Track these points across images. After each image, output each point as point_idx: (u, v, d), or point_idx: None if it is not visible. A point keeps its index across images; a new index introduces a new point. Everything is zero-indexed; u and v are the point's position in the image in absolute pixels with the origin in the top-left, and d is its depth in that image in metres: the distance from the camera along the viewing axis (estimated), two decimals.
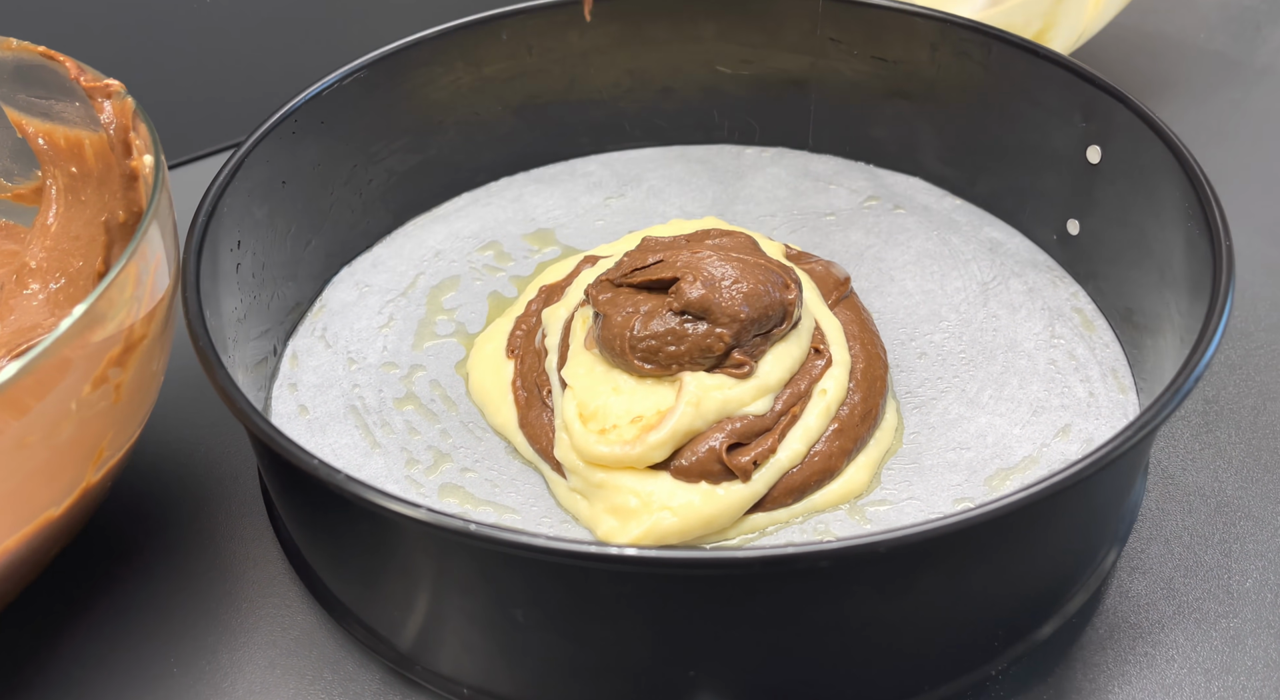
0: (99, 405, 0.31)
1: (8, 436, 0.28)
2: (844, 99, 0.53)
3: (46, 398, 0.29)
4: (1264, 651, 0.36)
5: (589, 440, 0.38)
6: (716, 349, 0.39)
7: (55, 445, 0.30)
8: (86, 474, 0.32)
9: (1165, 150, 0.39)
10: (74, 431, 0.30)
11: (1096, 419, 0.41)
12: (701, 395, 0.38)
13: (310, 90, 0.46)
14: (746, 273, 0.40)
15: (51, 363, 0.28)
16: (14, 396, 0.27)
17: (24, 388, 0.28)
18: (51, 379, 0.29)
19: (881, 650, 0.32)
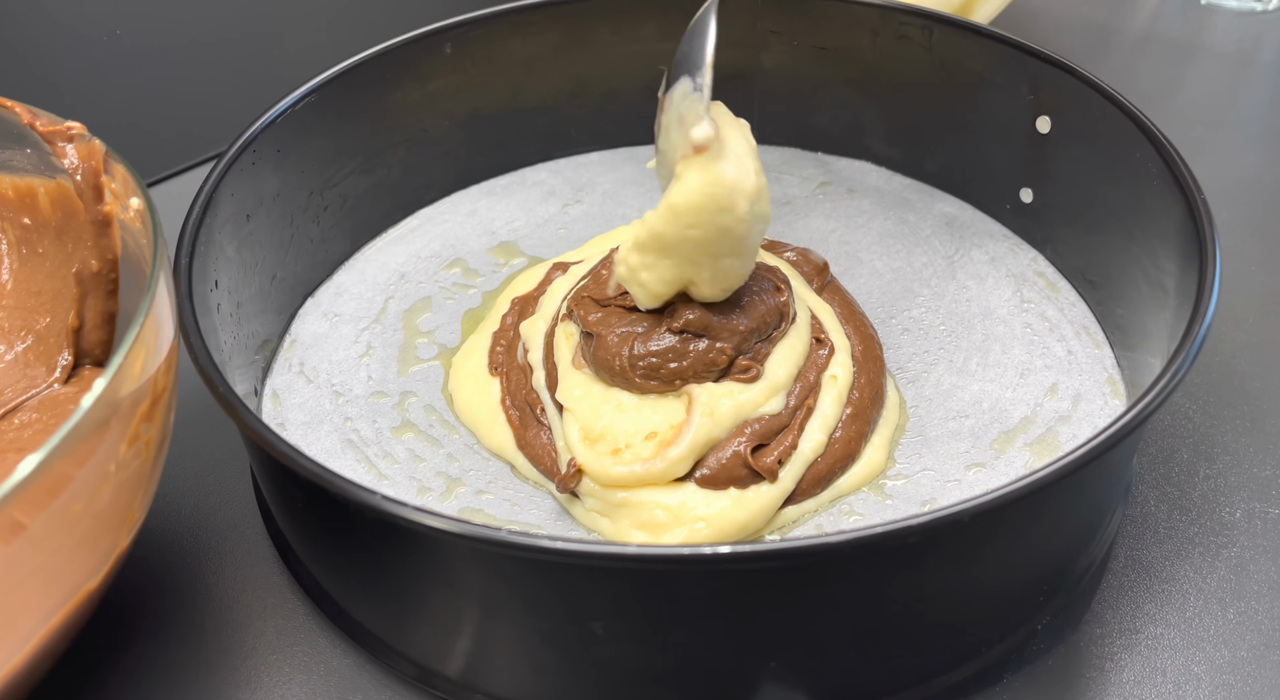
0: (133, 465, 0.29)
1: (53, 509, 0.26)
2: (787, 90, 0.54)
3: (88, 463, 0.27)
4: (1265, 575, 0.39)
5: (603, 463, 0.38)
6: (720, 363, 0.39)
7: (96, 512, 0.28)
8: (121, 538, 0.30)
9: (1123, 117, 0.42)
10: (112, 495, 0.29)
11: (1080, 375, 0.43)
12: (714, 404, 0.38)
13: (265, 118, 0.44)
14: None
15: (91, 425, 0.27)
16: (59, 468, 0.26)
17: (67, 456, 0.26)
18: (92, 443, 0.27)
19: (951, 614, 0.33)
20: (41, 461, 0.25)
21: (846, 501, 0.40)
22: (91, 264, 0.37)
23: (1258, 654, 0.37)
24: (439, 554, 0.31)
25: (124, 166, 0.35)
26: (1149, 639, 0.37)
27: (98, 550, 0.29)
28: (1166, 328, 0.38)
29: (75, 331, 0.38)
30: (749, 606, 0.30)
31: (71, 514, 0.27)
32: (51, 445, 0.25)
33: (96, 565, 0.30)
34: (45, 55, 0.59)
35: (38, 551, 0.26)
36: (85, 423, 0.26)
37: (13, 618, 0.27)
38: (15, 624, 0.27)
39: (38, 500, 0.26)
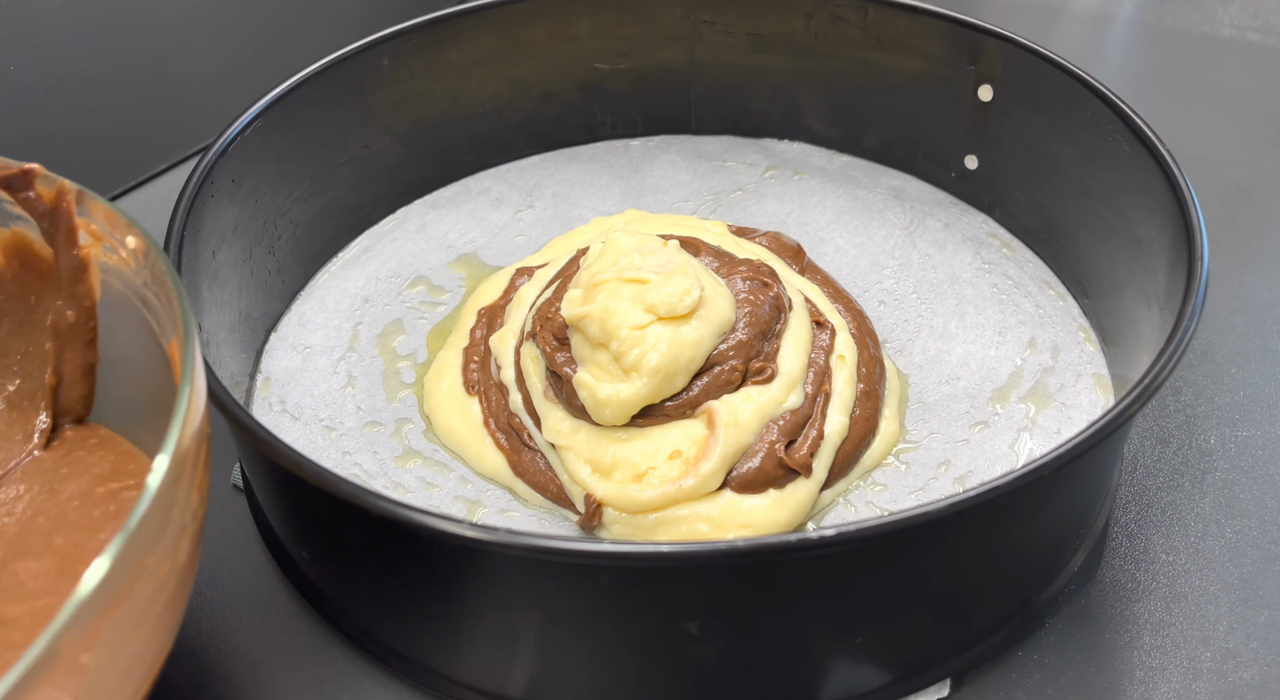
0: (199, 514, 0.28)
1: (148, 567, 0.24)
2: (724, 78, 0.55)
3: (170, 514, 0.25)
4: (1250, 493, 0.42)
5: (627, 491, 0.37)
6: (735, 381, 0.39)
7: (180, 568, 0.26)
8: (190, 589, 0.28)
9: (1070, 79, 0.44)
10: (190, 548, 0.27)
11: (1053, 328, 0.45)
12: (737, 414, 0.38)
13: (217, 146, 0.42)
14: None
15: (177, 475, 0.25)
16: (151, 522, 0.24)
17: (158, 511, 0.24)
18: (174, 493, 0.25)
19: (1009, 572, 0.34)
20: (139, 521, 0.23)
21: (868, 474, 0.41)
22: (68, 314, 0.35)
23: (1261, 567, 0.39)
24: (526, 575, 0.30)
25: (106, 204, 0.32)
26: (1164, 567, 0.39)
27: (176, 612, 0.27)
28: (1147, 275, 0.40)
29: (53, 389, 0.36)
30: (843, 585, 0.30)
31: (161, 574, 0.25)
32: (144, 504, 0.24)
33: (175, 628, 0.28)
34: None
35: (138, 615, 0.25)
36: (171, 472, 0.24)
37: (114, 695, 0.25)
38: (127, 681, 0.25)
39: (140, 562, 0.24)
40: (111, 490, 0.34)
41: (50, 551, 0.32)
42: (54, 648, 0.21)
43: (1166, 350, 0.32)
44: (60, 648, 0.22)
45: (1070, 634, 0.37)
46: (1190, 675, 0.36)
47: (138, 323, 0.33)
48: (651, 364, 0.37)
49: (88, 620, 0.22)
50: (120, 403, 0.36)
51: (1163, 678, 0.36)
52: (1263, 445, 0.44)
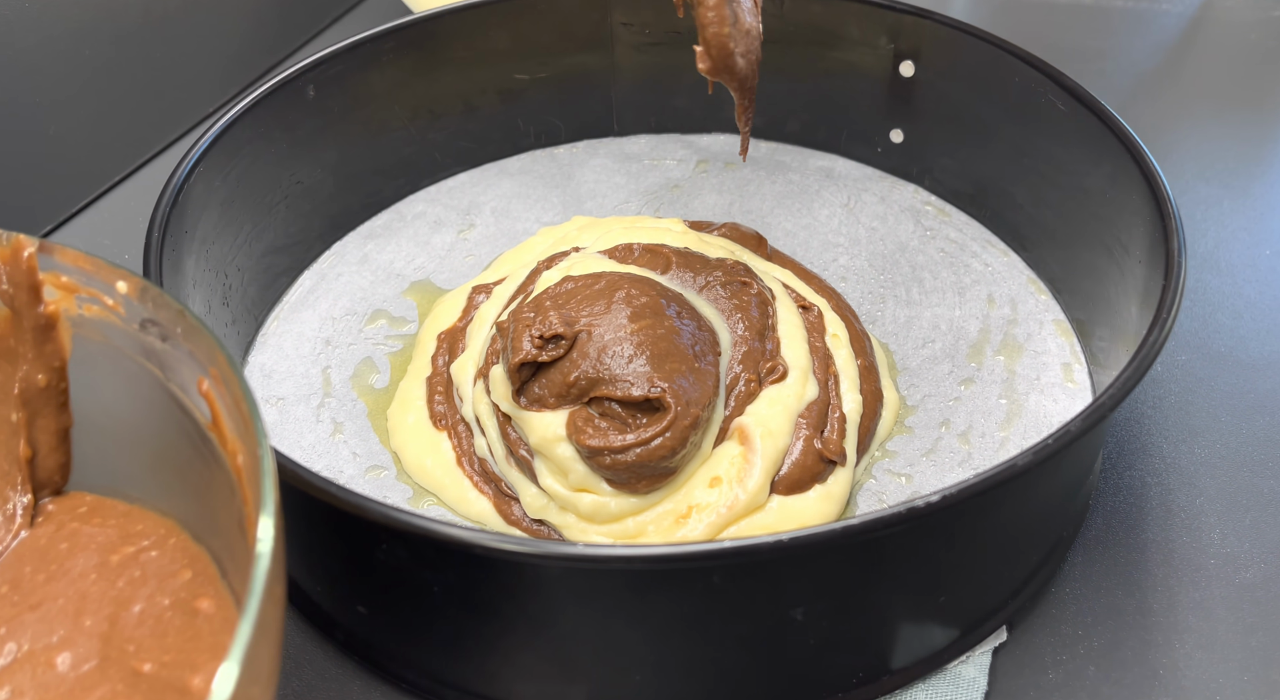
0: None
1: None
2: (643, 78, 0.55)
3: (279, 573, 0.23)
4: (1202, 411, 0.46)
5: (677, 534, 0.36)
6: (754, 391, 0.38)
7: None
8: None
9: (995, 48, 0.46)
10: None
11: (1005, 283, 0.48)
12: (767, 422, 0.38)
13: (166, 198, 0.39)
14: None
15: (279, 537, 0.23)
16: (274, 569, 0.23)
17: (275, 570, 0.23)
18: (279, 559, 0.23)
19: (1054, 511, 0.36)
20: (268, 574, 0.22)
21: (882, 445, 0.42)
22: (37, 379, 0.32)
23: (1232, 475, 0.43)
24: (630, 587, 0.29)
25: (81, 252, 0.30)
26: (1154, 489, 0.42)
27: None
28: (1101, 222, 0.43)
29: (28, 462, 0.32)
30: (933, 550, 0.31)
31: (279, 620, 0.23)
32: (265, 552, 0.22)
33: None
34: None
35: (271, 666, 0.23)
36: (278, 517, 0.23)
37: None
38: None
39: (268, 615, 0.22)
40: (128, 555, 0.32)
41: (83, 635, 0.29)
42: None
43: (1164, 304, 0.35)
44: None
45: (1091, 565, 0.40)
46: (1201, 583, 0.39)
47: (128, 373, 0.31)
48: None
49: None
50: (103, 464, 0.33)
51: (1180, 589, 0.39)
52: (1200, 366, 0.47)
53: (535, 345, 0.37)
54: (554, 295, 0.38)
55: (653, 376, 0.36)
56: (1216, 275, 0.52)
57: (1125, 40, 0.71)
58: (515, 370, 0.37)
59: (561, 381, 0.36)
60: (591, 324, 0.37)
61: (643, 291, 0.38)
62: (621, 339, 0.36)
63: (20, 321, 0.31)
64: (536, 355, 0.36)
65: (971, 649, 0.36)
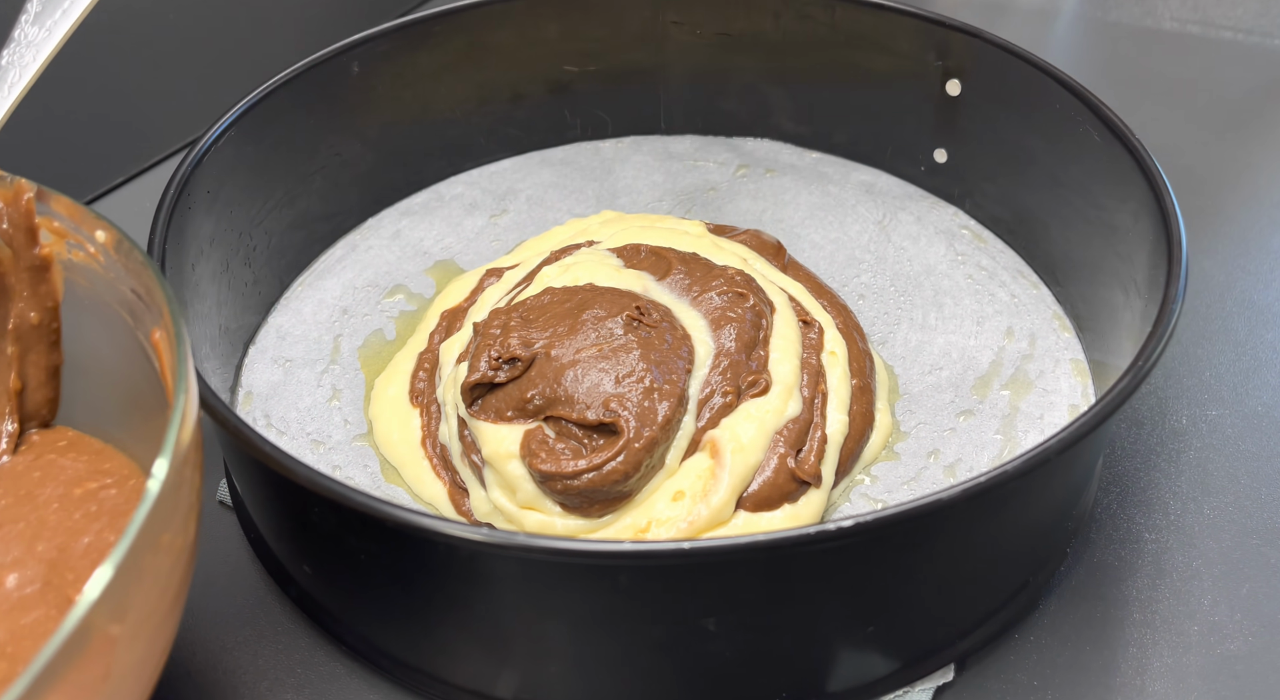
0: (196, 509, 0.27)
1: (163, 543, 0.24)
2: (693, 78, 0.55)
3: (180, 494, 0.25)
4: (1222, 470, 0.43)
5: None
6: (733, 404, 0.38)
7: (189, 543, 0.26)
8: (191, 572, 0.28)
9: (1038, 72, 0.45)
10: (195, 523, 0.27)
11: (1028, 316, 0.46)
12: (739, 437, 0.37)
13: (191, 158, 0.41)
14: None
15: (184, 457, 0.25)
16: (164, 502, 0.24)
17: (169, 491, 0.24)
18: (182, 474, 0.25)
19: (1010, 555, 0.35)
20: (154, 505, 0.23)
21: (867, 468, 0.41)
22: (30, 316, 0.34)
23: (1239, 541, 0.41)
24: (543, 578, 0.30)
25: (70, 200, 0.32)
26: (1149, 545, 0.40)
27: (188, 580, 0.27)
28: (1121, 261, 0.41)
29: (17, 394, 0.35)
30: (857, 576, 0.30)
31: (175, 549, 0.25)
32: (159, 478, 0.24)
33: (185, 595, 0.28)
34: None
35: (159, 589, 0.25)
36: (176, 459, 0.24)
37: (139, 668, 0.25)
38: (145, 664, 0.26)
39: (158, 539, 0.24)
40: (90, 491, 0.33)
41: (34, 559, 0.31)
42: (86, 623, 0.21)
43: (1154, 336, 0.33)
44: (92, 623, 0.21)
45: (1064, 614, 0.38)
46: (1180, 649, 0.37)
47: (108, 319, 0.32)
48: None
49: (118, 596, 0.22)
50: (89, 403, 0.36)
51: (1154, 653, 0.37)
52: (1231, 423, 0.45)
53: (491, 366, 0.37)
54: (528, 308, 0.39)
55: (608, 400, 0.35)
56: (1272, 330, 0.49)
57: (1225, 72, 0.67)
58: (468, 390, 0.37)
59: (519, 398, 0.37)
60: (552, 344, 0.37)
61: (614, 309, 0.38)
62: (580, 361, 0.36)
63: (17, 261, 0.33)
64: (492, 377, 0.37)
65: (911, 684, 0.35)
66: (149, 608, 0.24)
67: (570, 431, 0.36)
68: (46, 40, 0.33)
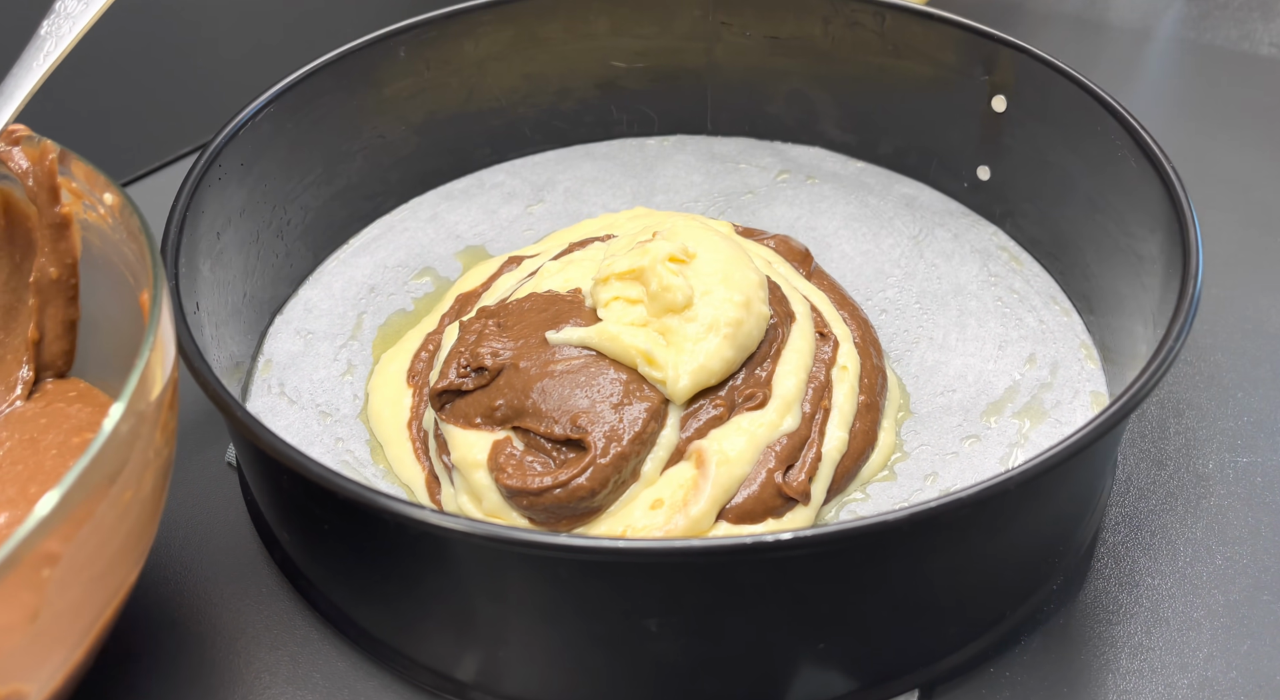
0: (164, 452, 0.29)
1: (111, 495, 0.25)
2: (740, 80, 0.55)
3: (134, 449, 0.26)
4: (1244, 521, 0.41)
5: None
6: (722, 418, 0.37)
7: (142, 499, 0.27)
8: (154, 528, 0.30)
9: (1082, 92, 0.43)
10: (152, 482, 0.28)
11: (1055, 344, 0.45)
12: (727, 449, 0.36)
13: (226, 130, 0.43)
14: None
15: (142, 411, 0.26)
16: (112, 450, 0.25)
17: (119, 440, 0.25)
18: (137, 426, 0.26)
19: (980, 585, 0.34)
20: (101, 447, 0.25)
21: (864, 486, 0.40)
22: (50, 271, 0.36)
23: (1249, 596, 0.39)
24: (488, 565, 0.30)
25: (87, 164, 0.34)
26: (1148, 590, 0.39)
27: (143, 539, 0.29)
28: (1145, 292, 0.39)
29: (35, 344, 0.37)
30: (802, 590, 0.30)
31: (124, 502, 0.26)
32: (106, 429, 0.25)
33: (140, 554, 0.29)
34: None
35: (100, 539, 0.26)
36: (131, 411, 0.26)
37: (78, 611, 0.26)
38: (79, 618, 0.27)
39: (100, 489, 0.25)
40: (86, 441, 0.35)
41: (25, 499, 0.33)
42: (15, 556, 0.22)
43: (1148, 369, 0.32)
44: (20, 557, 0.22)
45: (1046, 652, 0.37)
46: None
47: (116, 279, 0.34)
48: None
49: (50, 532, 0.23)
50: (100, 357, 0.38)
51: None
52: (1262, 472, 0.43)
53: (459, 374, 0.37)
54: (508, 312, 0.39)
55: (577, 416, 0.35)
56: None
57: None
58: (436, 395, 0.37)
59: (486, 406, 0.37)
60: (522, 355, 0.37)
61: (592, 320, 0.38)
62: (549, 374, 0.36)
63: (41, 218, 0.35)
64: (460, 384, 0.37)
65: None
66: (88, 554, 0.25)
67: (539, 443, 0.36)
68: (84, 12, 0.35)
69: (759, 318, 0.38)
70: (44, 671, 0.26)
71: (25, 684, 0.26)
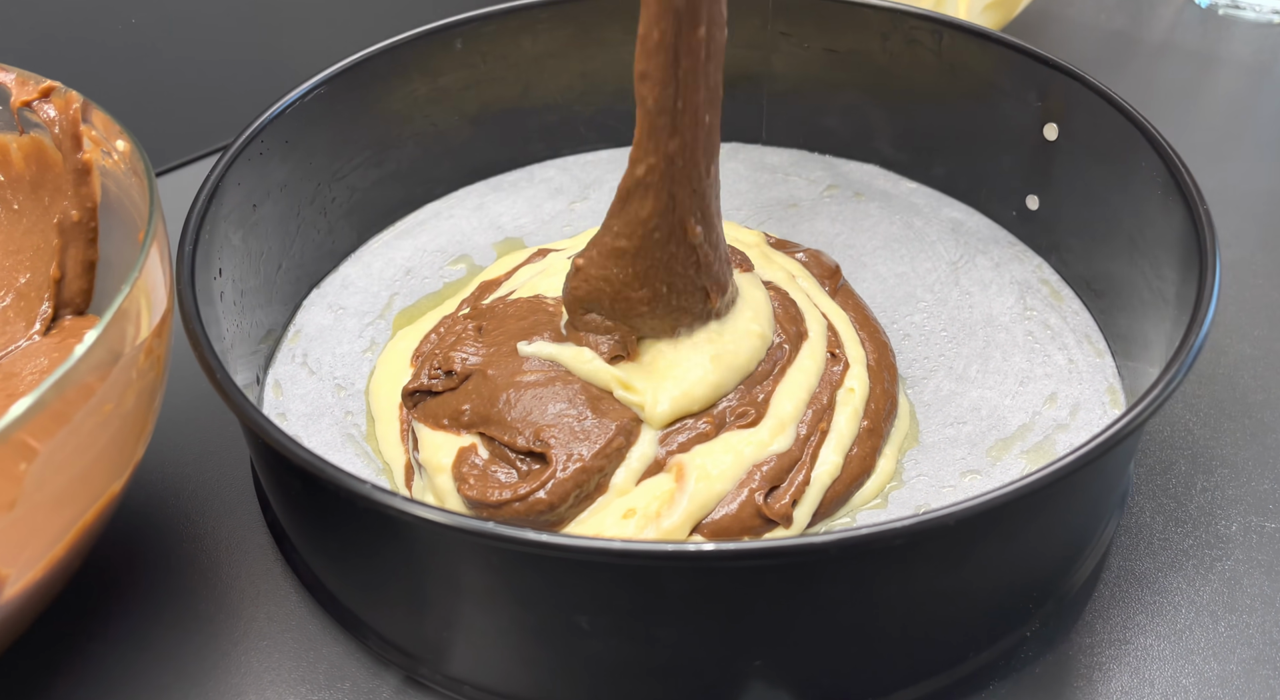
0: (149, 375, 0.31)
1: (90, 406, 0.28)
2: (796, 91, 0.54)
3: (117, 367, 0.28)
4: (1259, 589, 0.39)
5: None
6: (709, 434, 0.37)
7: (124, 414, 0.30)
8: (138, 449, 0.32)
9: (1129, 125, 0.41)
10: (135, 400, 0.30)
11: (1080, 384, 0.43)
12: (709, 466, 0.36)
13: (274, 109, 0.45)
14: None
15: (119, 327, 0.28)
16: (93, 363, 0.27)
17: (100, 355, 0.28)
18: (119, 345, 0.28)
19: (936, 618, 0.33)
20: (80, 358, 0.27)
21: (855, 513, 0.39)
22: (72, 214, 0.38)
23: (1247, 668, 0.36)
24: (429, 545, 0.31)
25: (105, 113, 0.36)
26: (1139, 650, 0.37)
27: (123, 454, 0.31)
28: (1166, 338, 0.38)
29: (56, 283, 0.39)
30: (734, 605, 0.30)
31: (104, 413, 0.28)
32: (88, 341, 0.27)
33: (122, 469, 0.31)
34: (61, 42, 0.60)
35: (77, 443, 0.28)
36: (114, 329, 0.28)
37: (55, 511, 0.29)
38: (57, 517, 0.29)
39: (78, 397, 0.27)
40: None
41: None
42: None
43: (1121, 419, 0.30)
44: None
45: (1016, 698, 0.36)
46: None
47: (129, 223, 0.37)
48: None
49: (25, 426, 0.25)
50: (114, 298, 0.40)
51: None
52: None
53: (430, 375, 0.38)
54: (491, 315, 0.39)
55: (540, 429, 0.35)
56: None
57: None
58: (407, 394, 0.38)
59: (454, 408, 0.37)
60: (493, 362, 0.37)
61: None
62: (515, 384, 0.36)
63: (65, 163, 0.38)
64: (430, 385, 0.38)
65: None
66: (65, 456, 0.27)
67: (504, 452, 0.36)
68: None
69: (759, 341, 0.38)
70: (22, 558, 0.28)
71: (4, 568, 0.28)
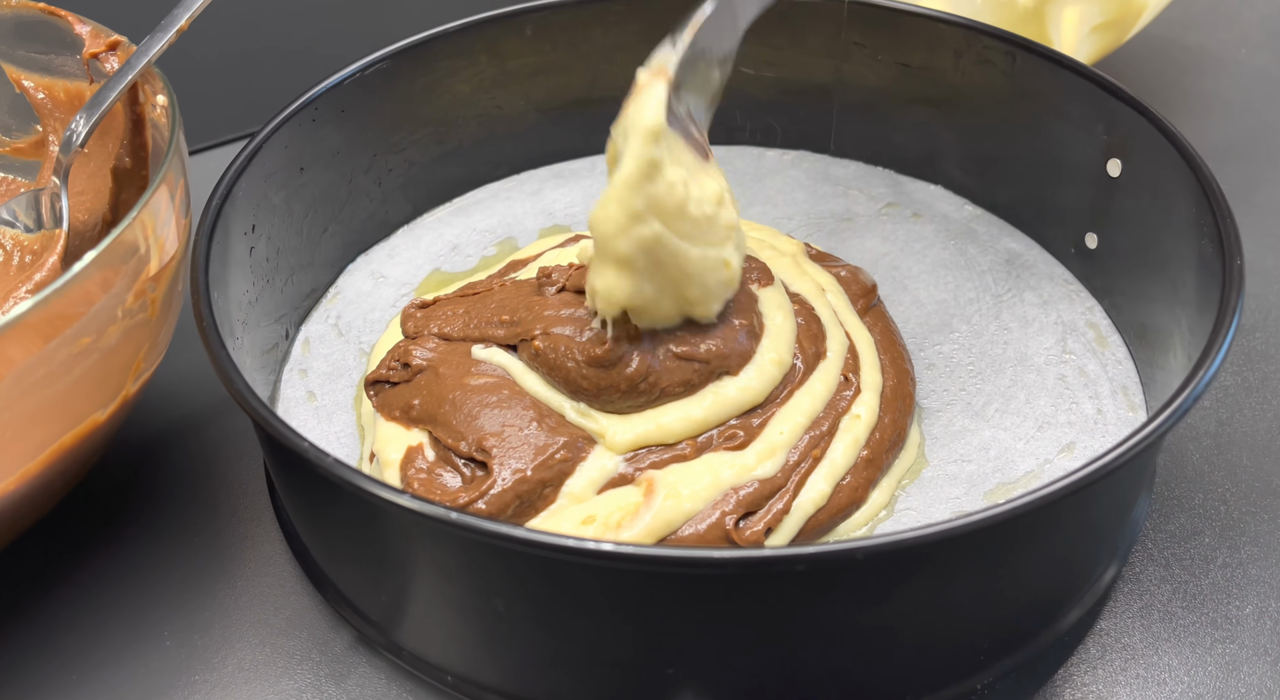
0: (138, 316, 0.33)
1: (67, 335, 0.30)
2: (867, 103, 0.53)
3: (98, 303, 0.30)
4: (1259, 680, 0.35)
5: None
6: (685, 456, 0.36)
7: (105, 349, 0.31)
8: (126, 383, 0.34)
9: (1182, 163, 0.39)
10: (119, 338, 0.32)
11: (1103, 437, 0.40)
12: (682, 484, 0.34)
13: (331, 79, 0.47)
14: None
15: (100, 272, 0.30)
16: (71, 297, 0.29)
17: (78, 291, 0.30)
18: (101, 286, 0.30)
19: (860, 658, 0.31)
20: (60, 287, 0.29)
21: None
22: (126, 161, 0.41)
23: None
24: (364, 510, 0.32)
25: (156, 70, 0.38)
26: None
27: (106, 386, 0.33)
28: None
29: (108, 225, 0.42)
30: (646, 609, 0.29)
31: (82, 345, 0.30)
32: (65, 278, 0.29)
33: (105, 401, 0.33)
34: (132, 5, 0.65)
35: (51, 371, 0.30)
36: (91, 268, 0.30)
37: (31, 425, 0.31)
38: (33, 431, 0.31)
39: (54, 324, 0.29)
40: None
41: None
42: None
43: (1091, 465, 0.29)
44: None
45: None
46: None
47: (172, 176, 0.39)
48: None
49: None
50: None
51: None
52: None
53: (389, 367, 0.38)
54: (467, 309, 0.40)
55: (484, 437, 0.35)
56: None
57: None
58: (369, 384, 0.38)
59: (406, 402, 0.37)
60: (444, 360, 0.37)
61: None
62: (464, 386, 0.36)
63: (124, 113, 0.40)
64: (386, 375, 0.38)
65: None
66: (38, 380, 0.30)
67: (449, 456, 0.36)
68: None
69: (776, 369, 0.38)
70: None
71: None
